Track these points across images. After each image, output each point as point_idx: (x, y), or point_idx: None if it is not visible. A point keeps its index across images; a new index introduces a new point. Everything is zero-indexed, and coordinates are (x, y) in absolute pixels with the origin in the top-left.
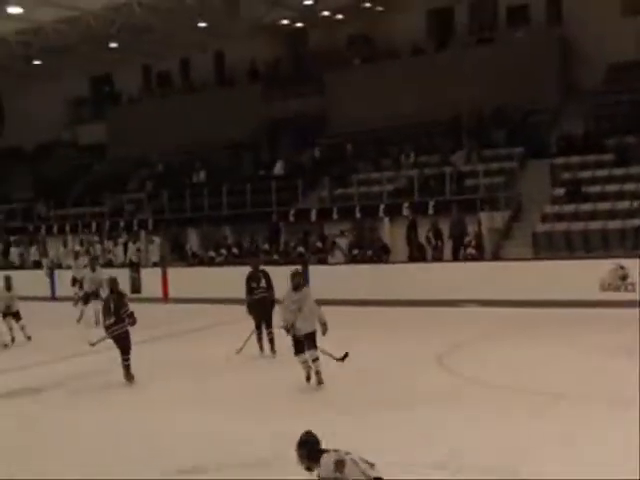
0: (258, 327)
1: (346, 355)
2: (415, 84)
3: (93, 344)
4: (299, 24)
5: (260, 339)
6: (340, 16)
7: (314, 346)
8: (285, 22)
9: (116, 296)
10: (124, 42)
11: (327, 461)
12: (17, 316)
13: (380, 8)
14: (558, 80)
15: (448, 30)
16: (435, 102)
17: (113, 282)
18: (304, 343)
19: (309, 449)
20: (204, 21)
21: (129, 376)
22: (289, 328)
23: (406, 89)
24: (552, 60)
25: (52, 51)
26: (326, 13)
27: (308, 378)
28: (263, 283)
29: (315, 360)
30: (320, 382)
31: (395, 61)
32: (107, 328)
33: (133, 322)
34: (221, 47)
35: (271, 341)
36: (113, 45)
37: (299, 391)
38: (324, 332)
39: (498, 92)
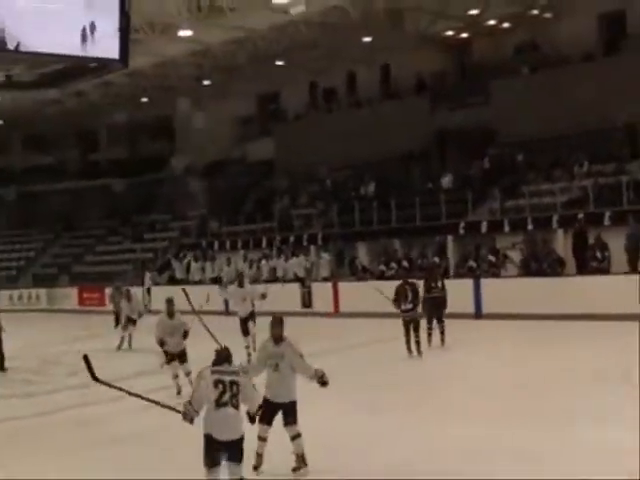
0: (429, 322)
1: None
2: (586, 90)
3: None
4: (464, 34)
5: (430, 333)
6: (506, 25)
7: (294, 420)
8: (450, 33)
9: (410, 286)
10: (290, 59)
11: None
12: (182, 358)
13: (548, 15)
14: None
15: (620, 34)
16: (608, 109)
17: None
18: (277, 412)
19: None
20: (369, 35)
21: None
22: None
23: (577, 96)
24: None
25: (220, 71)
26: (492, 22)
27: (256, 467)
28: (439, 284)
29: (295, 437)
30: (298, 468)
31: (564, 68)
32: (404, 312)
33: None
34: (386, 60)
35: (442, 333)
36: (280, 63)
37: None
38: (322, 384)
39: None
